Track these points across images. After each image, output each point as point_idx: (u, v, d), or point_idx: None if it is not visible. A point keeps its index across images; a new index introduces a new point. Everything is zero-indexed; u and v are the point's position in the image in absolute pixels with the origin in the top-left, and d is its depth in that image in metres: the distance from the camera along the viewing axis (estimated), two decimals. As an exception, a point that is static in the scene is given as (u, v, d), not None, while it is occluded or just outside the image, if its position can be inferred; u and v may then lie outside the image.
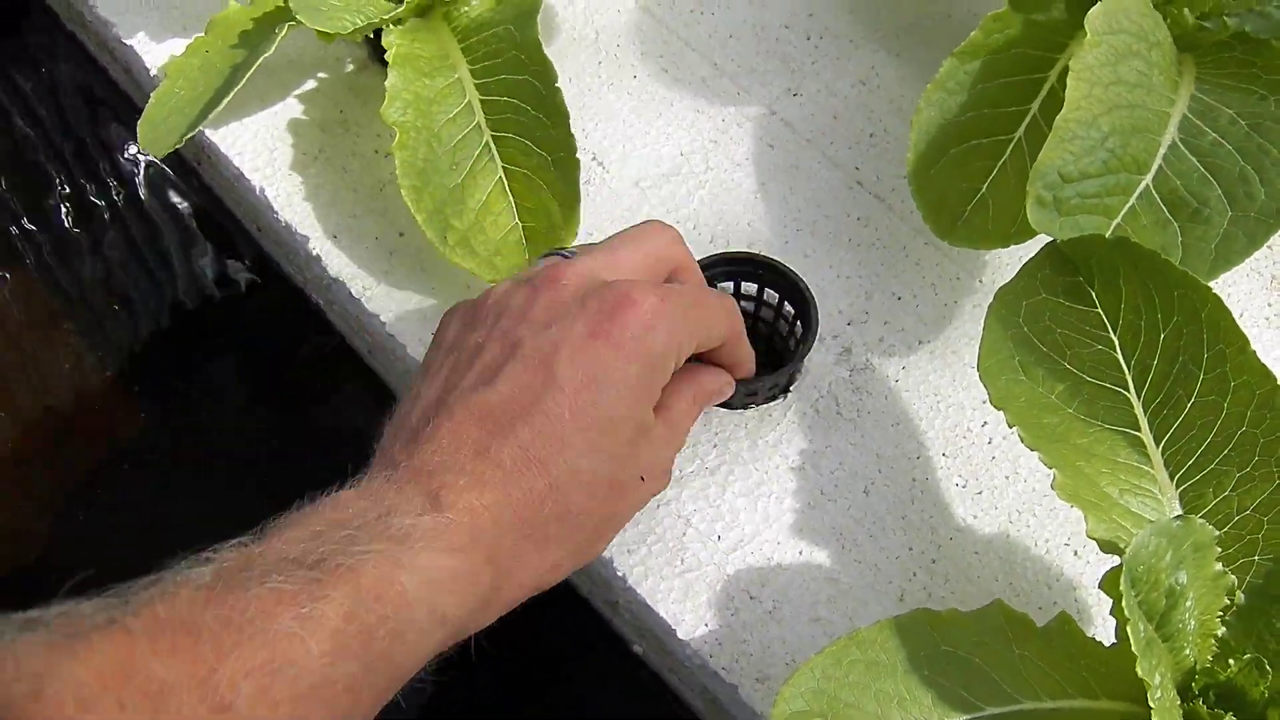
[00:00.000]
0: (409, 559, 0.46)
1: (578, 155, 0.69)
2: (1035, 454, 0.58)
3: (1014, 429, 0.58)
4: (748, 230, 0.76)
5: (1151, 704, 0.52)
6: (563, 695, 0.72)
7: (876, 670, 0.54)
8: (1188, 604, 0.55)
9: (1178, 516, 0.54)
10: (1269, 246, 0.79)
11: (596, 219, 0.76)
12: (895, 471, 0.69)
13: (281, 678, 0.40)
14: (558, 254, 0.60)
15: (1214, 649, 0.57)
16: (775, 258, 0.69)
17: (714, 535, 0.67)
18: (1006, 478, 0.70)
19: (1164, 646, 0.55)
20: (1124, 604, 0.52)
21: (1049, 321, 0.61)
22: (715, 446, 0.69)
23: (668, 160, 0.78)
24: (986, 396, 0.59)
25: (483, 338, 0.55)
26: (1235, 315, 0.76)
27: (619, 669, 0.71)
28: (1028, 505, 0.69)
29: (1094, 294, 0.61)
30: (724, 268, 0.70)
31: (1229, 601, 0.57)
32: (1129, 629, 0.51)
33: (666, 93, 0.81)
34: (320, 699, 0.42)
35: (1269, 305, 0.77)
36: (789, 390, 0.71)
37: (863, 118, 0.80)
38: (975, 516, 0.69)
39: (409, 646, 0.46)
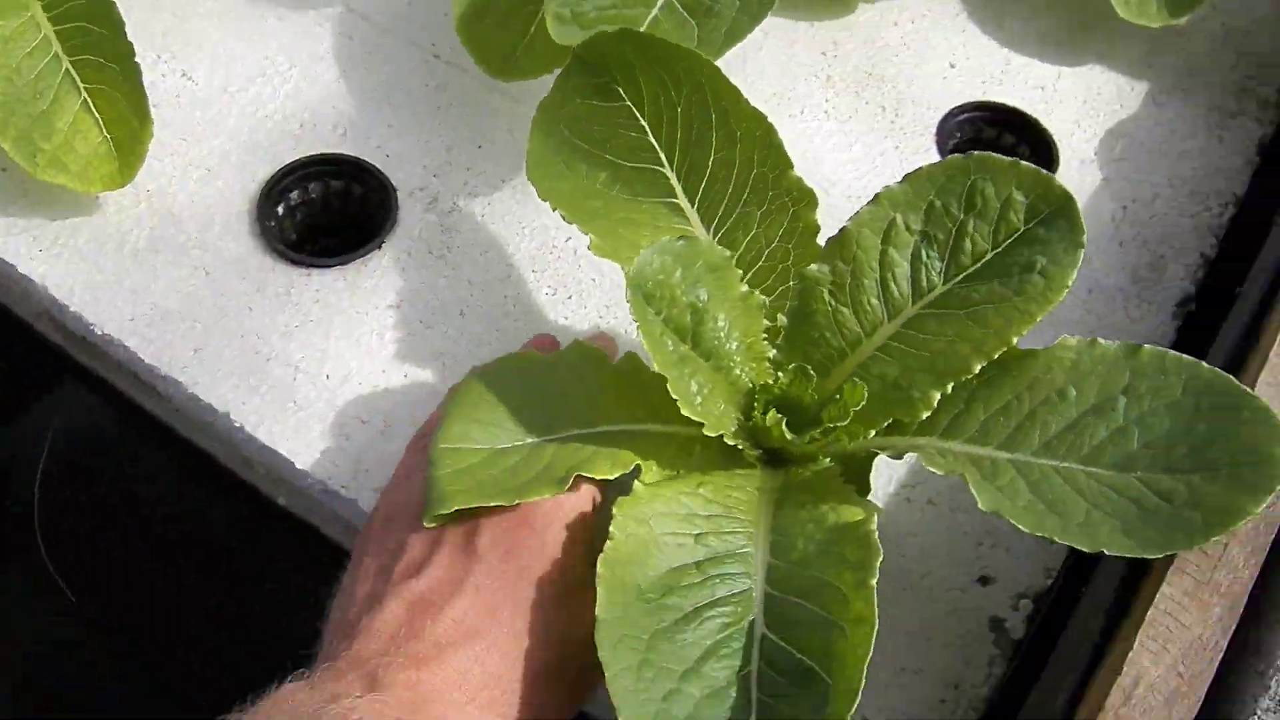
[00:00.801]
0: None
1: (136, 60, 0.74)
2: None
3: (557, 212, 0.65)
4: (333, 114, 0.82)
5: (693, 413, 0.58)
6: (224, 563, 0.76)
7: (476, 408, 0.60)
8: (719, 323, 0.61)
9: (680, 237, 0.60)
10: (822, 53, 0.88)
11: (189, 126, 0.81)
12: (488, 293, 0.76)
13: None
14: None
15: (769, 370, 0.64)
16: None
17: (322, 375, 0.72)
18: (593, 280, 0.77)
19: (707, 365, 0.61)
20: (642, 317, 0.57)
21: (587, 122, 0.68)
22: (318, 302, 0.75)
23: (253, 65, 0.84)
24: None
25: (404, 535, 0.58)
26: (798, 111, 0.85)
27: (267, 524, 0.75)
28: (614, 301, 0.76)
29: (619, 89, 0.67)
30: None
31: (770, 323, 0.64)
32: (649, 343, 0.57)
33: (248, 5, 0.87)
34: None
35: (826, 100, 0.86)
36: None
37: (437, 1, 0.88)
38: (566, 318, 0.75)
39: None
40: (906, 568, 0.69)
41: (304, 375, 0.72)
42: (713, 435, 0.59)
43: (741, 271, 0.64)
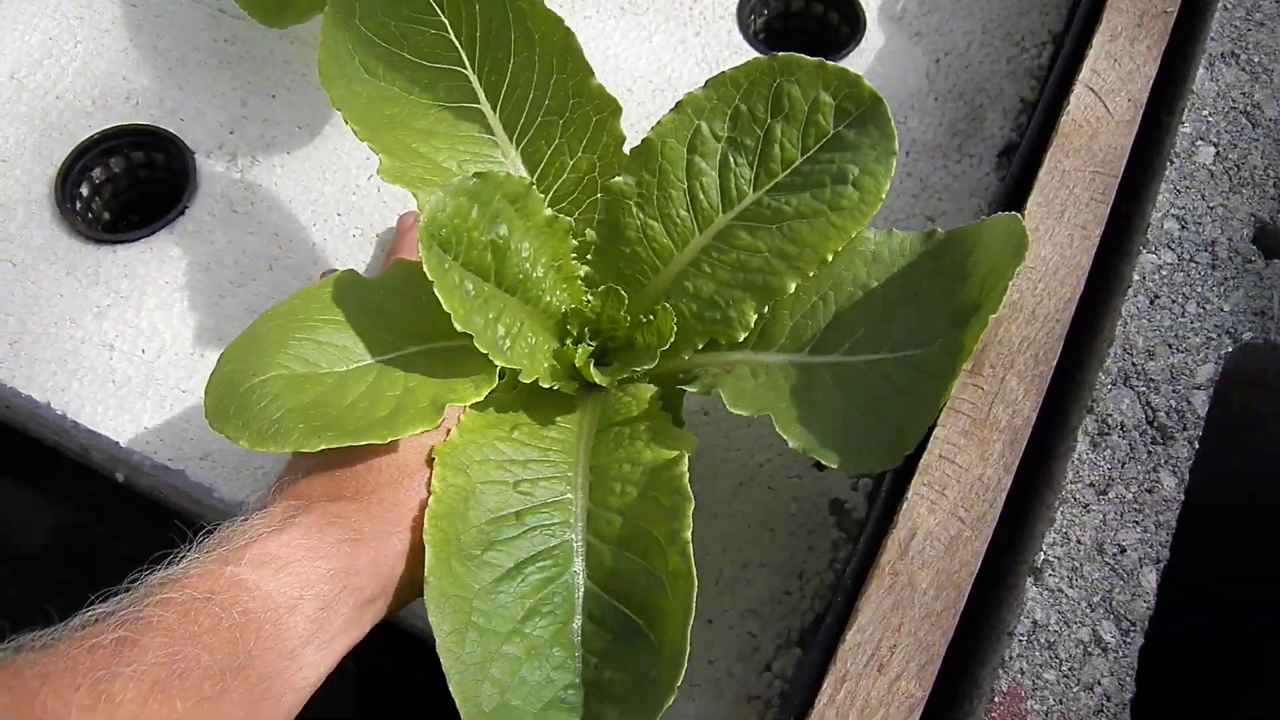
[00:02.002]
0: (235, 556, 0.48)
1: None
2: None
3: (351, 126, 0.62)
4: (124, 84, 0.80)
5: (503, 361, 0.56)
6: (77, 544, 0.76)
7: (315, 329, 0.56)
8: (523, 253, 0.59)
9: (474, 175, 0.57)
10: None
11: (-21, 116, 0.80)
12: (295, 243, 0.75)
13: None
14: None
15: (581, 289, 0.63)
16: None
17: (138, 351, 0.71)
18: (396, 214, 0.76)
19: (515, 300, 0.59)
20: (437, 270, 0.54)
21: (383, 17, 0.63)
22: (126, 277, 0.74)
23: (38, 48, 0.82)
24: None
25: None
26: (593, 11, 0.83)
27: (115, 504, 0.75)
28: (424, 231, 0.75)
29: None
30: None
31: (579, 241, 0.62)
32: (445, 299, 0.54)
33: (27, -9, 0.85)
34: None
35: None
36: None
37: (220, -43, 0.86)
38: (376, 256, 0.74)
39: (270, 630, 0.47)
40: (742, 460, 0.68)
41: (120, 353, 0.71)
42: (528, 381, 0.58)
43: (544, 195, 0.62)
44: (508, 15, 0.63)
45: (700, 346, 0.61)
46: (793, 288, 0.58)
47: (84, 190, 0.78)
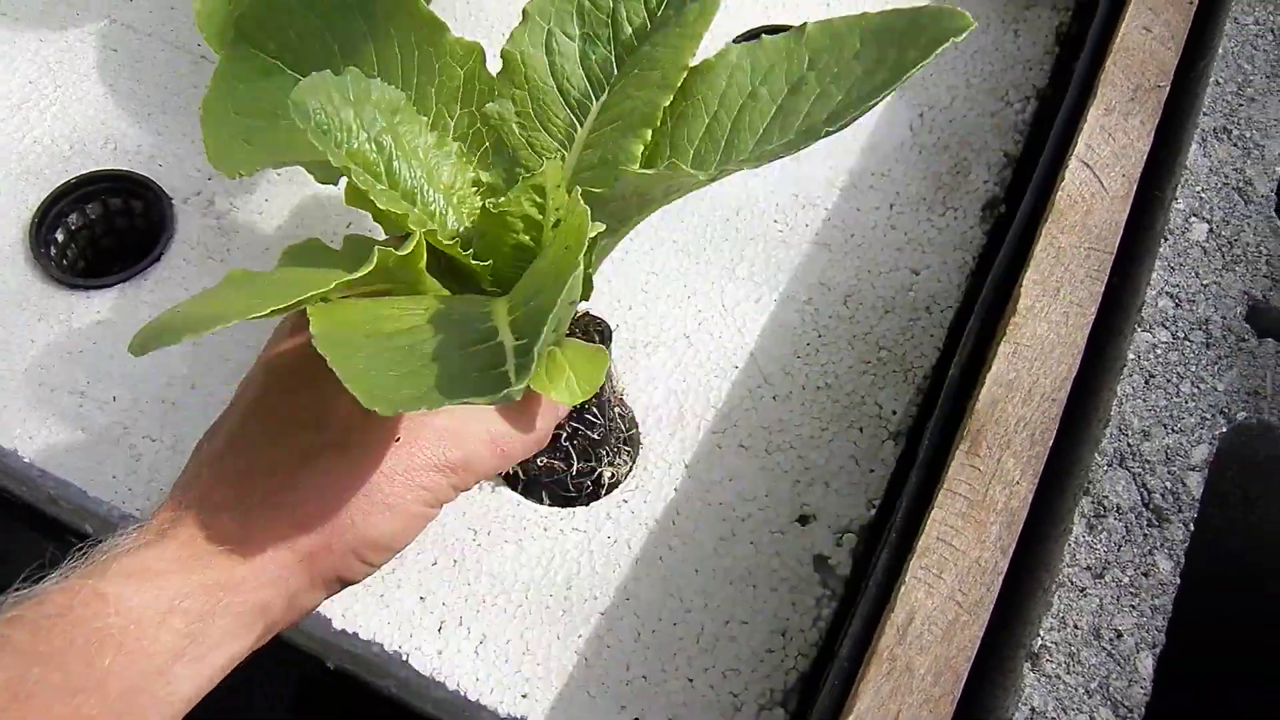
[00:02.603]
0: (99, 570, 0.45)
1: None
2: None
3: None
4: (102, 130, 0.79)
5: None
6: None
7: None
8: (413, 172, 0.55)
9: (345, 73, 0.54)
10: None
11: (-46, 162, 0.79)
12: (274, 293, 0.73)
13: None
14: None
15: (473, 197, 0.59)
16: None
17: (109, 398, 0.70)
18: (380, 267, 0.75)
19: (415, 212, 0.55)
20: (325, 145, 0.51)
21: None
22: (99, 323, 0.72)
23: (17, 92, 0.81)
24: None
25: None
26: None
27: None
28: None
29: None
30: None
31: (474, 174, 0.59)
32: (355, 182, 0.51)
33: (6, 31, 0.84)
34: None
35: None
36: None
37: (204, 1, 0.85)
38: (357, 309, 0.73)
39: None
40: (724, 514, 0.67)
41: (90, 400, 0.70)
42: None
43: (426, 118, 0.58)
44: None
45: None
46: (666, 102, 0.57)
47: (59, 236, 0.76)
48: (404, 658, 0.62)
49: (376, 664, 0.64)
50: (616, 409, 0.67)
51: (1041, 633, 0.51)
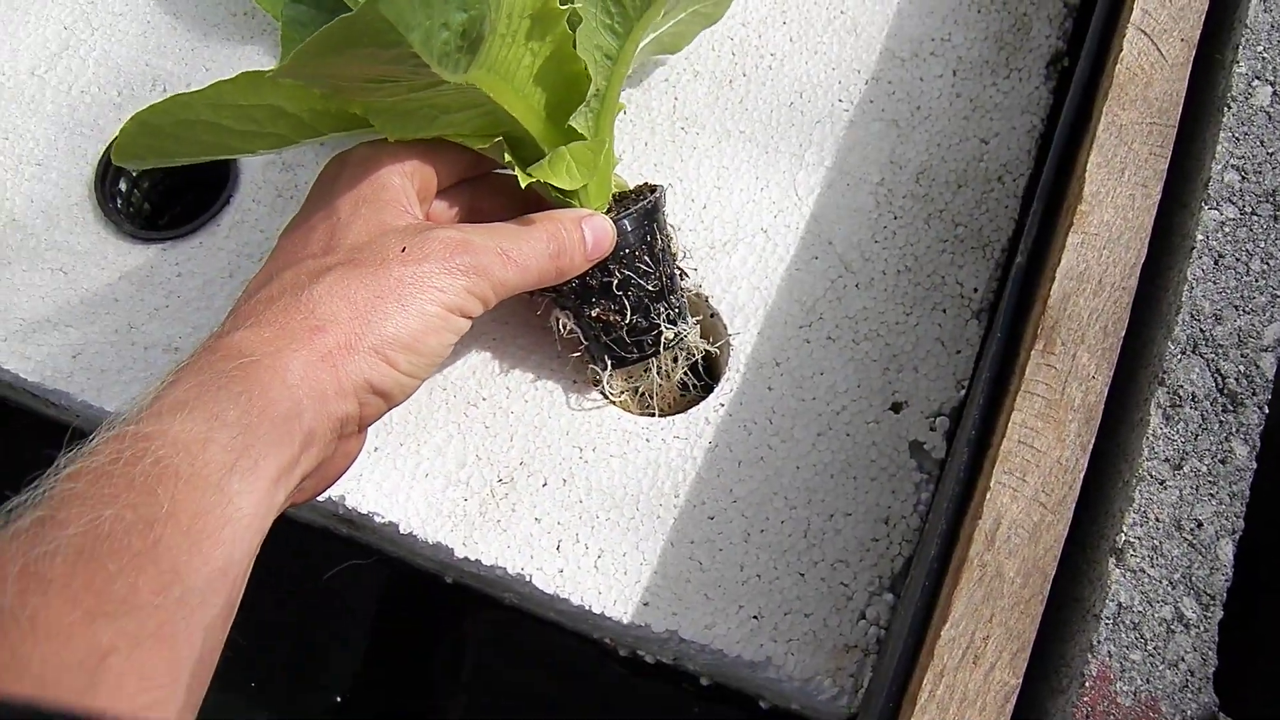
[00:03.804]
0: (134, 416, 0.47)
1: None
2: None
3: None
4: (147, 71, 0.78)
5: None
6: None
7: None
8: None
9: None
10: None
11: (7, 122, 0.77)
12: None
13: None
14: None
15: None
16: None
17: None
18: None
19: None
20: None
21: None
22: (180, 275, 0.73)
23: (54, 39, 0.79)
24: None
25: None
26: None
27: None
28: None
29: None
30: None
31: None
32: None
33: (35, -24, 0.82)
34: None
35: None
36: None
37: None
38: (431, 235, 0.73)
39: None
40: (817, 409, 0.69)
41: (185, 355, 0.71)
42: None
43: None
44: None
45: None
46: None
47: (122, 186, 0.76)
48: (527, 578, 0.65)
49: (499, 583, 0.67)
50: (675, 267, 0.67)
51: (1125, 528, 0.52)
